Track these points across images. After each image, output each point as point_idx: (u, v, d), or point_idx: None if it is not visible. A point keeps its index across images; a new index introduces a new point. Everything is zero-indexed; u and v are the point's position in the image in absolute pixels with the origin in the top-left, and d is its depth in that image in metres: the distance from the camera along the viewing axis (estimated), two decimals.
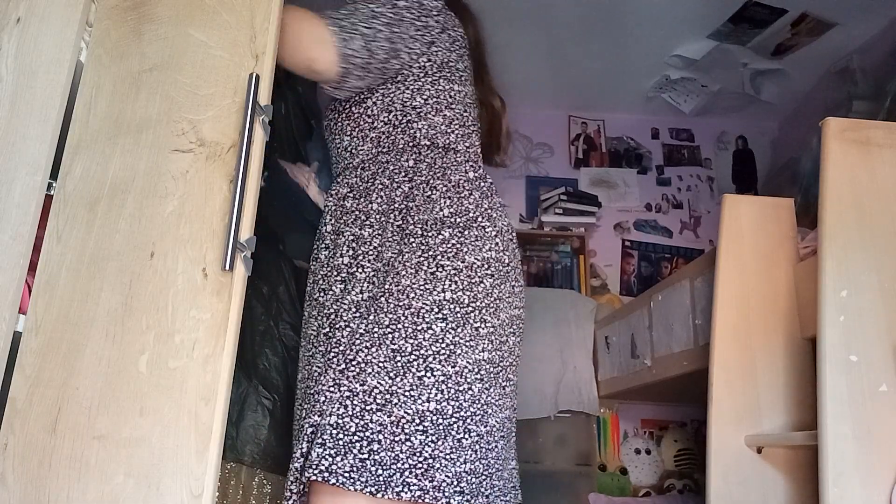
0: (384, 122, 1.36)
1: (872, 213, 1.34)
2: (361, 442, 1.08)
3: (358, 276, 1.22)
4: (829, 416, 1.23)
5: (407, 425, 1.10)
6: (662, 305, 2.18)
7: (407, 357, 1.14)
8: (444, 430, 1.13)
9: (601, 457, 2.95)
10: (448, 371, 1.15)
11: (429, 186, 1.29)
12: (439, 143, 1.36)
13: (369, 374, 1.12)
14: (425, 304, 1.17)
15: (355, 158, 1.38)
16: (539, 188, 3.44)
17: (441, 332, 1.17)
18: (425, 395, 1.13)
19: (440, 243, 1.23)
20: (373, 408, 1.10)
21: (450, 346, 1.16)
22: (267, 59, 1.11)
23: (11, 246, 1.06)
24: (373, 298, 1.19)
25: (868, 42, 2.80)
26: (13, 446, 0.98)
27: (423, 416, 1.11)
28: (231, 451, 1.47)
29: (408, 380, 1.13)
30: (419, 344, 1.15)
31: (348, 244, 1.27)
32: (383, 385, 1.12)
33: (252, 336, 1.54)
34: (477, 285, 1.23)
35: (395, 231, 1.25)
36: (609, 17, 2.79)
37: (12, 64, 1.15)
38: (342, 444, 1.08)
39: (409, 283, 1.19)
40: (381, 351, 1.14)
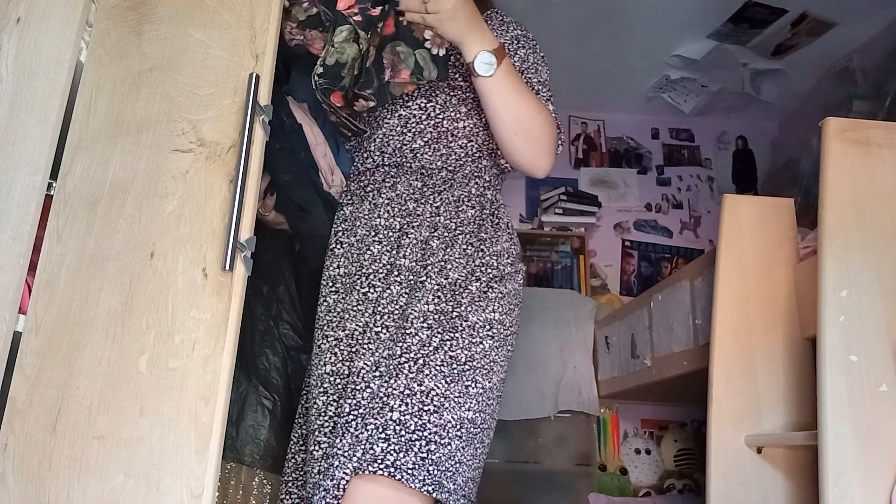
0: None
1: (872, 213, 1.34)
2: (420, 441, 1.11)
3: (426, 286, 1.26)
4: (829, 416, 1.23)
5: (451, 430, 1.15)
6: (662, 305, 2.18)
7: (462, 366, 1.21)
8: (472, 438, 1.19)
9: (601, 457, 2.95)
10: (486, 385, 1.23)
11: (496, 217, 1.41)
12: (502, 166, 1.49)
13: (427, 376, 1.17)
14: (479, 320, 1.26)
15: (419, 163, 1.43)
16: (539, 188, 3.44)
17: (490, 349, 1.25)
18: (468, 405, 1.19)
19: (497, 273, 1.34)
20: (430, 409, 1.14)
21: (491, 363, 1.25)
22: (267, 59, 1.11)
23: (11, 246, 1.06)
24: (439, 312, 1.23)
25: (868, 42, 2.80)
26: (13, 446, 0.98)
27: (463, 424, 1.17)
28: (231, 451, 1.47)
29: (459, 387, 1.18)
30: (472, 356, 1.22)
31: (412, 247, 1.30)
32: (439, 388, 1.16)
33: (252, 336, 1.54)
34: (514, 309, 1.34)
35: (462, 251, 1.32)
36: (609, 17, 2.79)
37: (12, 64, 1.15)
38: (405, 441, 1.10)
39: (469, 301, 1.27)
40: (438, 355, 1.19)
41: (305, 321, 1.57)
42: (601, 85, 3.35)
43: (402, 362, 1.17)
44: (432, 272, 1.27)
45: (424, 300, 1.23)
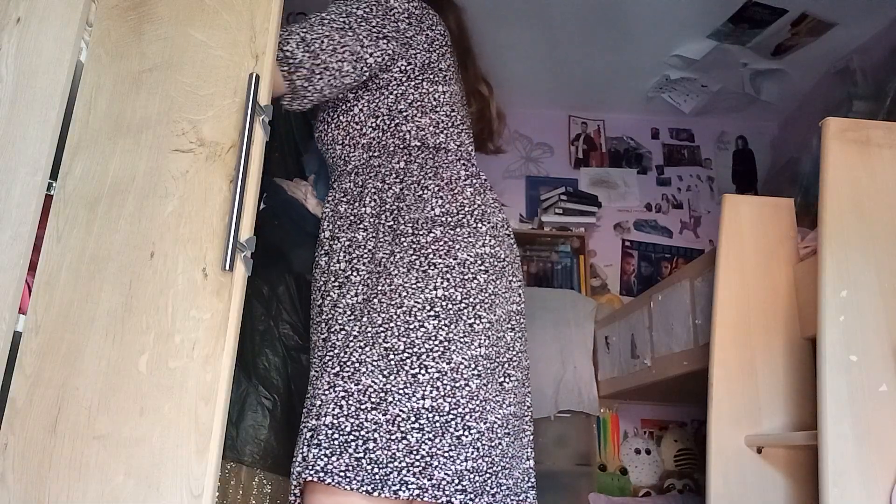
0: (372, 128, 1.37)
1: (872, 214, 1.34)
2: (357, 441, 1.08)
3: (353, 280, 1.23)
4: (829, 416, 1.23)
5: (403, 423, 1.10)
6: (662, 305, 2.18)
7: (400, 355, 1.14)
8: (442, 427, 1.12)
9: (601, 457, 2.95)
10: (443, 367, 1.15)
11: (420, 186, 1.30)
12: (430, 144, 1.37)
13: (363, 374, 1.12)
14: (417, 303, 1.18)
15: (348, 165, 1.40)
16: (539, 188, 3.44)
17: (434, 329, 1.16)
18: (420, 393, 1.12)
19: (431, 241, 1.23)
20: (367, 406, 1.10)
21: (443, 343, 1.16)
22: (267, 59, 1.11)
23: (11, 246, 1.06)
24: (366, 300, 1.19)
25: (868, 42, 2.80)
26: (13, 446, 0.98)
27: (420, 414, 1.11)
28: (231, 451, 1.47)
29: (402, 377, 1.13)
30: (412, 342, 1.15)
31: (344, 249, 1.28)
32: (378, 384, 1.12)
33: (252, 336, 1.54)
34: (470, 281, 1.22)
35: (387, 232, 1.26)
36: (609, 17, 2.79)
37: (12, 64, 1.15)
38: (337, 444, 1.08)
39: (401, 283, 1.19)
40: (375, 350, 1.14)
41: (305, 321, 1.57)
42: (601, 85, 3.35)
43: (326, 361, 1.16)
44: (358, 265, 1.25)
45: (351, 293, 1.22)
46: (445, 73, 1.43)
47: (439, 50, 1.42)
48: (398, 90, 1.37)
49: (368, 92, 1.38)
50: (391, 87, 1.37)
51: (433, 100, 1.39)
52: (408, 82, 1.37)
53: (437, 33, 1.43)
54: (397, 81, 1.37)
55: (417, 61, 1.38)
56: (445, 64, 1.43)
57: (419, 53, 1.38)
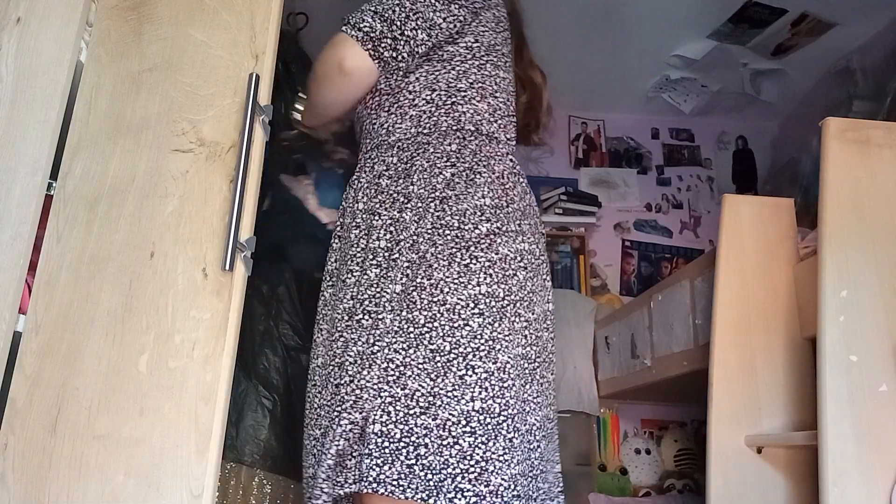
0: (426, 101, 1.29)
1: (872, 214, 1.34)
2: (408, 448, 1.04)
3: (399, 263, 1.15)
4: (829, 416, 1.23)
5: (453, 427, 1.05)
6: (662, 305, 2.18)
7: (447, 356, 1.09)
8: (494, 429, 1.07)
9: (601, 457, 2.95)
10: (490, 367, 1.09)
11: (473, 172, 1.23)
12: (483, 131, 1.29)
13: (409, 377, 1.08)
14: (460, 300, 1.12)
15: (391, 136, 1.29)
16: (539, 188, 3.43)
17: (479, 328, 1.11)
18: (469, 395, 1.07)
19: (475, 236, 1.18)
20: (416, 411, 1.06)
21: (489, 342, 1.11)
22: (267, 59, 1.11)
23: (11, 246, 1.06)
24: (405, 293, 1.13)
25: (868, 42, 2.80)
26: (13, 446, 0.98)
27: (470, 417, 1.06)
28: (231, 451, 1.47)
29: (449, 380, 1.07)
30: (457, 342, 1.09)
31: (386, 227, 1.19)
32: (425, 387, 1.07)
33: (252, 336, 1.54)
34: (511, 278, 1.17)
35: (434, 220, 1.18)
36: (609, 17, 2.79)
37: (12, 64, 1.15)
38: (388, 452, 1.03)
39: (442, 277, 1.13)
40: (419, 352, 1.09)
41: (305, 321, 1.57)
42: (601, 85, 3.35)
43: (375, 353, 1.09)
44: (403, 248, 1.16)
45: (394, 279, 1.14)
46: (507, 58, 1.37)
47: (503, 33, 1.36)
48: (461, 67, 1.29)
49: (429, 62, 1.30)
50: (454, 62, 1.29)
51: (494, 84, 1.32)
52: (472, 60, 1.30)
53: (502, 14, 1.38)
54: (461, 57, 1.30)
55: (485, 40, 1.32)
56: (507, 49, 1.37)
57: (487, 32, 1.32)
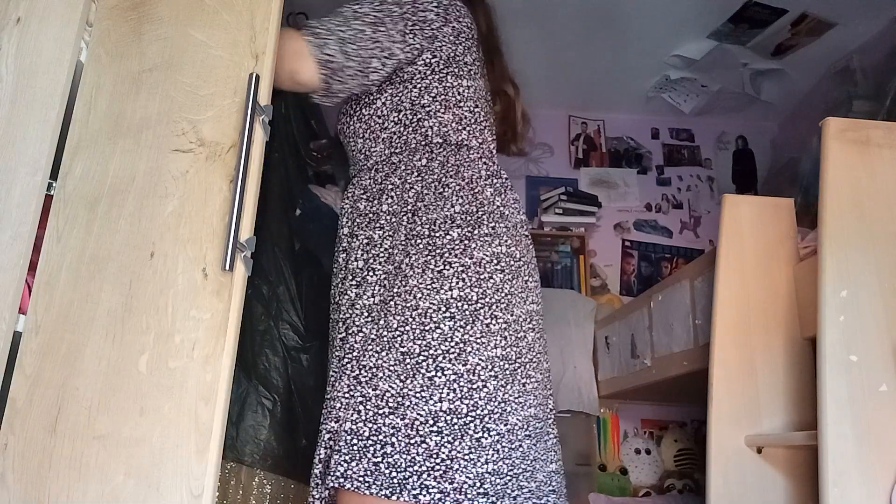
0: (394, 122, 1.35)
1: (872, 213, 1.34)
2: (375, 446, 1.08)
3: (369, 280, 1.22)
4: (829, 416, 1.23)
5: (421, 427, 1.09)
6: (662, 305, 2.18)
7: (416, 358, 1.13)
8: (461, 429, 1.11)
9: (601, 457, 2.95)
10: (459, 369, 1.13)
11: (441, 185, 1.28)
12: (452, 140, 1.34)
13: (380, 379, 1.12)
14: (432, 304, 1.16)
15: (369, 160, 1.37)
16: (539, 188, 3.44)
17: (449, 331, 1.15)
18: (437, 396, 1.11)
19: (447, 242, 1.21)
20: (385, 411, 1.10)
21: (459, 345, 1.14)
22: (267, 59, 1.11)
23: (11, 246, 1.06)
24: (383, 302, 1.18)
25: (868, 42, 2.80)
26: (13, 446, 0.98)
27: (437, 417, 1.10)
28: (231, 451, 1.47)
29: (418, 381, 1.11)
30: (427, 344, 1.14)
31: (361, 247, 1.26)
32: (395, 388, 1.11)
33: (252, 336, 1.54)
34: (486, 281, 1.20)
35: (405, 232, 1.24)
36: (609, 17, 2.79)
37: (12, 64, 1.15)
38: (356, 449, 1.08)
39: (416, 284, 1.18)
40: (391, 354, 1.14)
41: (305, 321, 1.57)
42: (601, 85, 3.35)
43: (345, 364, 1.16)
44: (375, 264, 1.23)
45: (367, 294, 1.20)
46: (470, 67, 1.40)
47: (465, 43, 1.39)
48: (422, 84, 1.34)
49: (392, 85, 1.35)
50: (415, 81, 1.34)
51: (456, 94, 1.36)
52: (432, 76, 1.34)
53: (464, 25, 1.39)
54: (421, 75, 1.34)
55: (443, 54, 1.35)
56: (471, 58, 1.40)
57: (445, 46, 1.35)
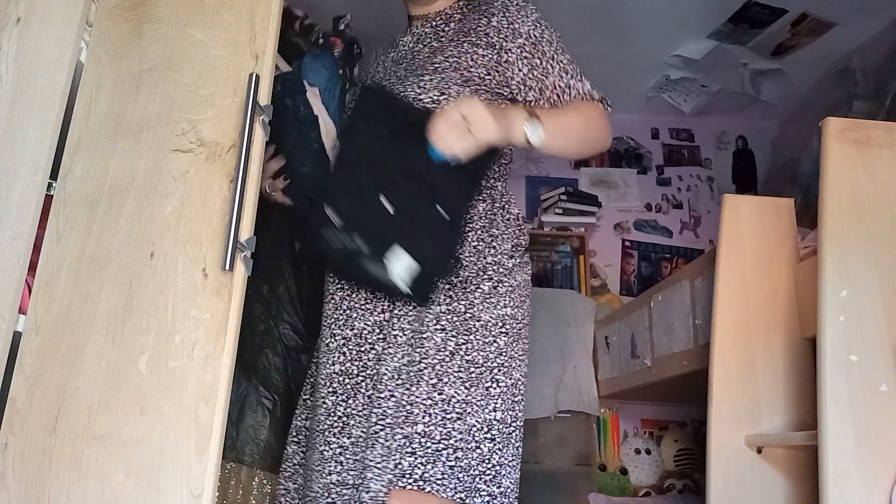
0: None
1: (872, 213, 1.34)
2: (447, 450, 1.12)
3: (438, 286, 1.26)
4: (829, 416, 1.23)
5: (477, 433, 1.15)
6: (662, 305, 2.18)
7: (479, 369, 1.20)
8: (507, 437, 1.19)
9: (601, 457, 2.95)
10: (508, 383, 1.22)
11: (509, 201, 1.42)
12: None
13: (446, 384, 1.17)
14: (491, 318, 1.24)
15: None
16: (539, 188, 3.44)
17: (505, 346, 1.24)
18: (492, 405, 1.19)
19: (511, 264, 1.38)
20: (453, 416, 1.15)
21: (510, 360, 1.25)
22: (267, 59, 1.11)
23: (11, 246, 1.06)
24: (454, 313, 1.23)
25: (868, 42, 2.80)
26: (13, 446, 0.98)
27: (492, 425, 1.18)
28: (231, 451, 1.47)
29: (479, 390, 1.18)
30: (488, 356, 1.22)
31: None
32: (459, 395, 1.17)
33: (252, 336, 1.54)
34: (525, 300, 1.38)
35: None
36: (609, 17, 2.79)
37: (12, 64, 1.15)
38: (431, 452, 1.12)
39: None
40: (455, 361, 1.19)
41: (305, 321, 1.57)
42: (601, 85, 3.30)
43: (422, 369, 1.17)
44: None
45: (436, 301, 1.22)
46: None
47: None
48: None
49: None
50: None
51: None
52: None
53: None
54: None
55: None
56: None
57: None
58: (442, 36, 1.39)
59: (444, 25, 1.40)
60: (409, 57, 1.40)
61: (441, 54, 1.35)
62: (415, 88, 1.30)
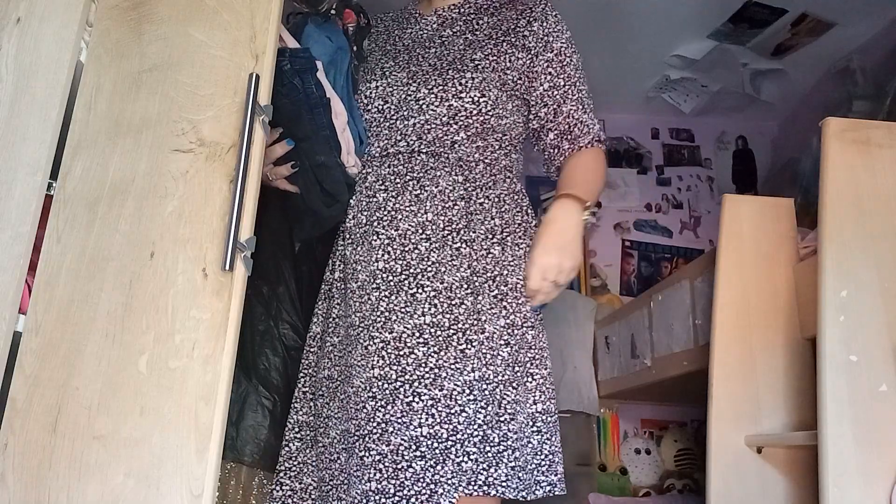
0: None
1: (872, 213, 1.34)
2: (507, 451, 1.14)
3: (488, 297, 1.28)
4: (829, 416, 1.23)
5: (526, 429, 1.20)
6: (662, 305, 2.18)
7: (522, 367, 1.25)
8: (552, 427, 1.24)
9: (601, 457, 2.95)
10: (543, 374, 1.28)
11: (529, 205, 1.50)
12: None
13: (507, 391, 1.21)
14: (518, 317, 1.30)
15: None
16: (539, 188, 3.43)
17: (534, 340, 1.29)
18: (532, 398, 1.23)
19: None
20: (506, 418, 1.16)
21: (541, 352, 1.31)
22: (267, 59, 1.11)
23: (11, 246, 1.06)
24: (513, 326, 1.27)
25: (868, 42, 2.80)
26: (13, 446, 0.98)
27: (535, 418, 1.22)
28: (231, 451, 1.47)
29: (522, 388, 1.23)
30: (526, 352, 1.27)
31: (465, 248, 1.33)
32: (509, 396, 1.19)
33: (252, 336, 1.53)
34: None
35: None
36: (609, 17, 2.79)
37: (12, 64, 1.15)
38: (491, 456, 1.12)
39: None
40: (511, 367, 1.24)
41: (305, 321, 1.57)
42: (601, 85, 3.33)
43: (494, 388, 1.18)
44: (491, 281, 1.26)
45: (494, 314, 1.23)
46: None
47: None
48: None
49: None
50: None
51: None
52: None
53: None
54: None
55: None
56: None
57: None
58: (476, 29, 1.40)
59: (477, 17, 1.40)
60: (439, 42, 1.40)
61: (480, 51, 1.36)
62: (455, 85, 1.32)
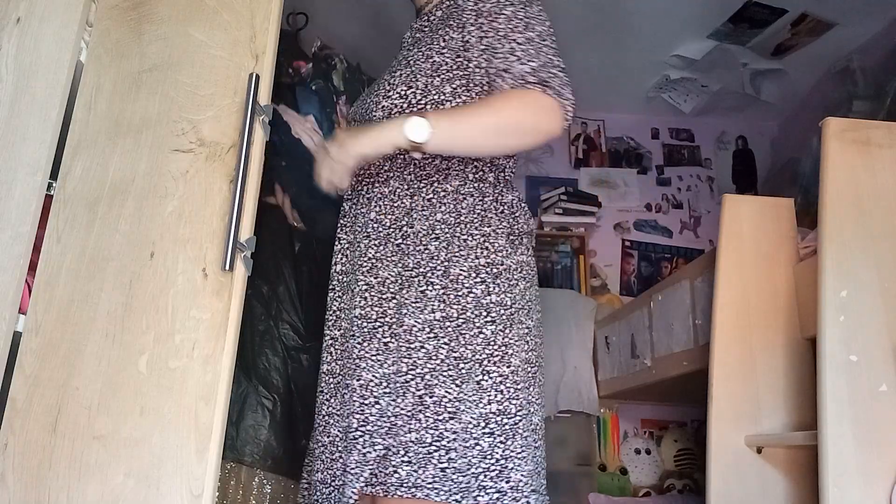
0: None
1: (872, 213, 1.34)
2: (439, 452, 1.10)
3: (429, 294, 1.20)
4: (829, 416, 1.23)
5: (474, 430, 1.11)
6: (662, 305, 2.18)
7: (468, 363, 1.15)
8: (510, 429, 1.13)
9: (601, 457, 2.95)
10: (503, 372, 1.16)
11: (502, 191, 1.39)
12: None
13: (436, 386, 1.13)
14: (474, 311, 1.18)
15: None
16: (539, 188, 3.44)
17: (492, 335, 1.17)
18: (487, 398, 1.14)
19: (497, 254, 1.30)
20: (445, 417, 1.11)
21: (502, 348, 1.17)
22: (267, 59, 1.11)
23: (11, 246, 1.06)
24: (448, 319, 1.19)
25: (868, 42, 2.80)
26: (13, 446, 0.98)
27: (489, 419, 1.12)
28: (231, 451, 1.47)
29: (469, 385, 1.14)
30: (475, 349, 1.15)
31: (415, 245, 1.25)
32: (451, 393, 1.13)
33: (252, 336, 1.54)
34: (514, 287, 1.23)
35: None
36: (609, 17, 2.79)
37: (12, 64, 1.15)
38: (422, 457, 1.09)
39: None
40: (446, 362, 1.15)
41: (305, 321, 1.57)
42: (601, 85, 3.35)
43: (410, 380, 1.14)
44: (421, 276, 1.19)
45: (429, 308, 1.17)
46: None
47: None
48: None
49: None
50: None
51: None
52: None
53: None
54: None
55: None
56: None
57: None
58: (426, 27, 1.35)
59: (431, 15, 1.36)
60: (402, 57, 1.40)
61: (417, 46, 1.31)
62: (385, 86, 1.29)
